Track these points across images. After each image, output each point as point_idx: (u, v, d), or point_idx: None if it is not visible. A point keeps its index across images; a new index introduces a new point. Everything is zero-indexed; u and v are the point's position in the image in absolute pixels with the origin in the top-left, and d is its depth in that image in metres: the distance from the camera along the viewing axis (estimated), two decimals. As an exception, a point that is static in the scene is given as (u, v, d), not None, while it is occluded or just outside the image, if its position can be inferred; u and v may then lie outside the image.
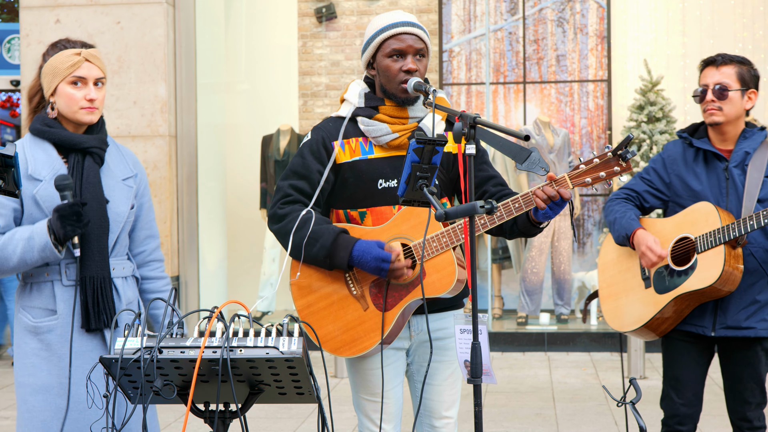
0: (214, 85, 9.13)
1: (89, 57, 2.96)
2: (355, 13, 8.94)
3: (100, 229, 2.90)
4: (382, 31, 2.96)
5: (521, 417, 5.77)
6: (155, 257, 3.14)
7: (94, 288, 2.89)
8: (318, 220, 2.91)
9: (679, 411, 3.41)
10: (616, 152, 2.74)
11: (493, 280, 8.69)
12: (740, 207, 3.34)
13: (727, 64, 3.42)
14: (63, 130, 2.95)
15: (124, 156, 3.08)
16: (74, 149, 2.93)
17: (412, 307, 2.93)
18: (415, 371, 3.08)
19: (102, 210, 2.91)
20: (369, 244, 2.85)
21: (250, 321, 2.32)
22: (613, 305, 3.51)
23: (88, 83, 2.95)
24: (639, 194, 3.52)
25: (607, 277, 3.56)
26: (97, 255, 2.90)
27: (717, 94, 3.38)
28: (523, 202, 2.80)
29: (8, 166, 2.74)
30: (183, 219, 8.04)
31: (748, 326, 3.33)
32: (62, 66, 2.93)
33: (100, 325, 2.90)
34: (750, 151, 3.39)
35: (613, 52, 8.97)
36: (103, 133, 3.02)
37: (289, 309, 9.22)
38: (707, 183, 3.39)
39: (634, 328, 3.42)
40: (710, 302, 3.35)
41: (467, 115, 2.49)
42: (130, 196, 3.01)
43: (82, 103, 2.93)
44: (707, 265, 3.26)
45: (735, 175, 3.38)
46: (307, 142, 3.02)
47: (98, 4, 7.80)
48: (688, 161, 3.45)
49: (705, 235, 3.28)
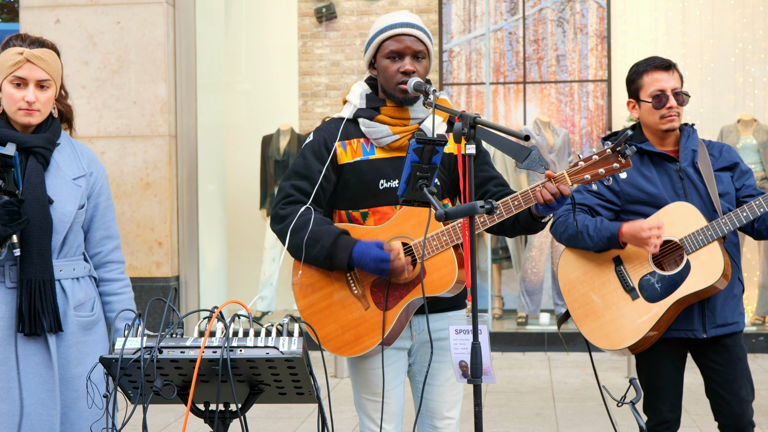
0: (214, 85, 9.13)
1: (31, 58, 2.84)
2: (355, 13, 8.94)
3: (41, 230, 2.81)
4: (381, 32, 2.96)
5: (521, 417, 5.77)
6: (112, 258, 3.05)
7: (32, 291, 2.80)
8: (318, 221, 2.91)
9: (666, 417, 3.39)
10: (615, 149, 2.73)
11: (493, 280, 8.69)
12: (704, 204, 3.31)
13: (675, 68, 3.40)
14: (7, 129, 2.87)
15: (78, 155, 2.98)
16: (18, 149, 2.83)
17: (414, 306, 2.93)
18: (417, 371, 3.08)
19: (44, 211, 2.82)
20: (368, 245, 2.85)
21: (250, 321, 2.32)
22: (596, 325, 3.35)
23: (29, 85, 2.85)
24: (590, 208, 3.41)
25: (578, 297, 3.39)
26: (36, 257, 2.81)
27: (678, 100, 3.35)
28: (522, 199, 2.80)
29: (8, 166, 2.74)
30: (183, 219, 8.04)
31: (733, 321, 3.33)
32: (6, 64, 2.85)
33: (38, 330, 2.80)
34: (695, 149, 3.37)
35: (613, 52, 8.97)
36: (52, 132, 2.92)
37: (289, 309, 9.23)
38: (661, 185, 3.34)
39: (631, 343, 3.29)
40: (695, 305, 3.30)
41: (467, 115, 2.49)
42: (78, 196, 2.92)
43: (21, 104, 2.84)
44: (704, 263, 3.21)
45: (690, 173, 3.34)
46: (309, 143, 3.03)
47: (98, 4, 7.79)
48: (636, 166, 3.37)
49: (693, 235, 3.23)
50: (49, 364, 2.83)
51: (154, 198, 7.80)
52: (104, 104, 7.80)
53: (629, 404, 2.84)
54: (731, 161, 3.42)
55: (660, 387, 3.40)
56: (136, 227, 7.75)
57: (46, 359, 2.83)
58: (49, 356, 2.83)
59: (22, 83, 2.85)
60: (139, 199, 7.80)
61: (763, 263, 8.26)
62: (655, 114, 3.36)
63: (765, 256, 8.23)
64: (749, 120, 8.31)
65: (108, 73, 7.79)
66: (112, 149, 7.76)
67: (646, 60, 3.44)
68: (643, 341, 3.30)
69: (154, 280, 7.74)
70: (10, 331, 2.82)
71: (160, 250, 7.80)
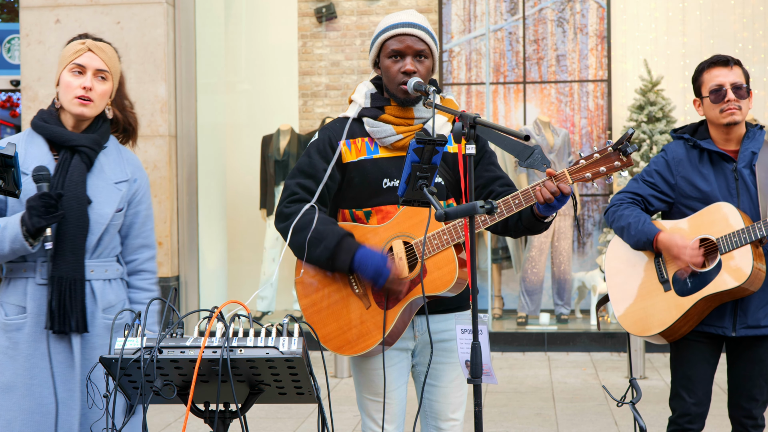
0: (214, 85, 9.13)
1: (93, 47, 2.92)
2: (355, 13, 8.94)
3: (77, 228, 2.83)
4: (384, 32, 2.96)
5: (521, 417, 5.77)
6: (146, 268, 3.06)
7: (62, 289, 2.81)
8: (322, 220, 2.91)
9: (690, 410, 3.39)
10: (617, 147, 2.73)
11: (493, 280, 8.69)
12: (753, 207, 3.34)
13: (736, 64, 3.42)
14: (57, 126, 2.91)
15: (124, 160, 3.01)
16: (64, 146, 2.88)
17: (416, 306, 2.93)
18: (420, 372, 3.07)
19: (81, 209, 2.83)
20: (372, 254, 2.84)
21: (250, 321, 2.32)
22: (630, 310, 3.44)
23: (87, 73, 2.90)
24: (644, 198, 3.48)
25: (619, 282, 3.49)
26: (69, 254, 2.82)
27: (737, 93, 3.36)
28: (522, 198, 2.80)
29: (8, 166, 2.74)
30: (183, 219, 8.04)
31: (766, 324, 3.34)
32: (67, 54, 2.92)
33: (66, 328, 2.81)
34: (756, 151, 3.38)
35: (613, 52, 8.98)
36: (101, 134, 2.95)
37: (289, 309, 9.22)
38: (716, 184, 3.37)
39: (657, 331, 3.37)
40: (729, 303, 3.34)
41: (467, 115, 2.49)
42: (117, 199, 2.93)
43: (77, 91, 2.87)
44: (734, 265, 3.25)
45: (745, 175, 3.36)
46: (315, 142, 3.03)
47: (98, 4, 7.80)
48: (694, 162, 3.42)
49: (729, 236, 3.26)
50: (71, 363, 2.83)
51: (154, 198, 7.80)
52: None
53: (629, 404, 2.84)
54: None
55: (686, 376, 3.41)
56: (136, 227, 7.74)
57: (69, 359, 2.84)
58: (73, 356, 2.84)
59: (81, 71, 2.90)
60: (139, 199, 7.79)
61: None
62: (715, 108, 3.38)
63: None
64: (749, 120, 8.31)
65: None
66: (112, 149, 7.75)
67: (707, 59, 3.48)
68: (670, 331, 3.35)
69: (154, 280, 7.73)
70: (39, 327, 2.83)
71: (160, 250, 7.80)
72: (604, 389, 3.00)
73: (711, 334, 3.39)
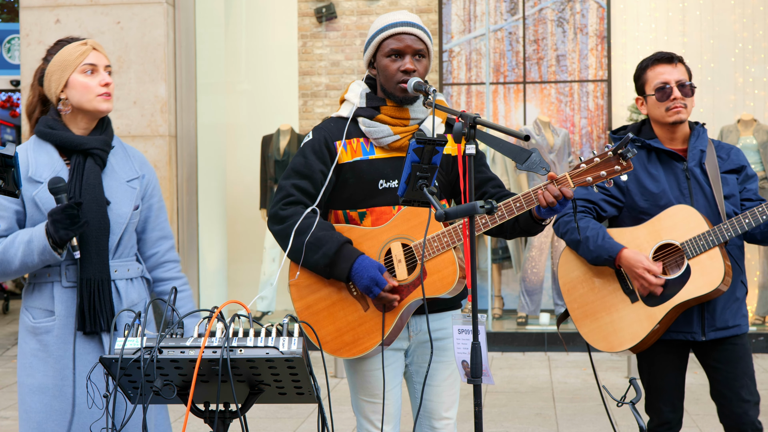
0: (214, 85, 9.13)
1: (95, 46, 2.95)
2: (355, 13, 8.94)
3: (100, 230, 2.87)
4: (381, 31, 2.96)
5: (521, 417, 5.77)
6: (169, 258, 3.10)
7: (91, 290, 2.85)
8: (322, 226, 2.90)
9: (668, 418, 3.38)
10: (617, 151, 2.73)
11: (493, 280, 8.69)
12: (709, 206, 3.27)
13: (681, 62, 3.36)
14: (65, 131, 2.92)
15: (130, 157, 3.04)
16: (75, 150, 2.90)
17: (412, 308, 2.93)
18: (414, 372, 3.08)
19: (102, 211, 2.88)
20: (371, 264, 2.84)
21: (250, 321, 2.32)
22: (595, 326, 3.33)
23: (100, 70, 2.93)
24: (595, 204, 3.37)
25: (577, 297, 3.36)
26: (95, 257, 2.86)
27: (682, 91, 3.30)
28: (524, 201, 2.79)
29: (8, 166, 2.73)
30: (183, 219, 8.04)
31: (734, 324, 3.31)
32: (71, 57, 2.91)
33: (97, 328, 2.86)
34: (704, 149, 3.33)
35: (613, 52, 8.97)
36: (108, 134, 2.99)
37: (289, 309, 9.22)
38: (666, 184, 3.30)
39: (629, 346, 3.28)
40: (695, 307, 3.28)
41: (467, 116, 2.49)
42: (133, 198, 2.97)
43: (98, 89, 2.91)
44: (704, 269, 3.18)
45: (697, 174, 3.30)
46: (309, 142, 3.01)
47: (98, 4, 7.80)
48: (642, 163, 3.34)
49: (694, 239, 3.19)
50: None
51: (154, 198, 7.80)
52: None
53: (629, 404, 2.84)
54: (739, 164, 3.39)
55: (660, 387, 3.39)
56: (136, 227, 7.74)
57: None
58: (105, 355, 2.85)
59: (93, 70, 2.92)
60: (139, 199, 7.79)
61: (763, 263, 8.26)
62: (661, 107, 3.32)
63: (765, 256, 8.23)
64: (749, 120, 8.31)
65: (108, 73, 7.78)
66: (112, 149, 7.75)
67: (650, 56, 3.41)
68: (641, 343, 3.29)
69: (154, 280, 7.73)
70: (67, 329, 2.86)
71: (160, 250, 7.80)
72: (604, 389, 2.99)
73: (678, 341, 3.34)
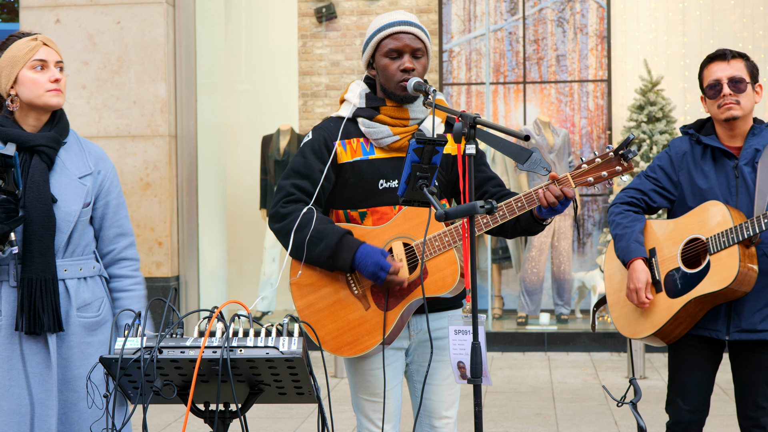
0: (214, 85, 9.13)
1: (46, 41, 2.90)
2: (355, 13, 8.93)
3: (43, 228, 2.80)
4: (379, 31, 2.96)
5: (521, 417, 5.77)
6: (126, 255, 3.04)
7: (32, 290, 2.79)
8: (321, 220, 2.91)
9: (684, 417, 3.33)
10: (618, 152, 2.74)
11: (493, 280, 8.69)
12: (751, 205, 3.24)
13: (736, 57, 3.34)
14: (14, 128, 2.86)
15: (85, 153, 2.97)
16: (22, 148, 2.84)
17: (413, 307, 2.93)
18: (415, 371, 3.08)
19: (46, 209, 2.81)
20: (373, 250, 2.84)
21: (250, 321, 2.32)
22: (623, 312, 3.39)
23: (50, 65, 2.88)
24: (645, 194, 3.40)
25: (615, 283, 3.44)
26: (38, 256, 2.80)
27: (734, 87, 3.28)
28: (525, 201, 2.79)
29: (8, 166, 2.74)
30: (183, 219, 8.04)
31: (763, 329, 3.24)
32: (20, 53, 2.86)
33: (36, 329, 2.79)
34: (760, 148, 3.28)
35: (613, 52, 8.97)
36: (59, 130, 2.92)
37: (289, 309, 9.22)
38: (716, 181, 3.29)
39: (648, 334, 3.31)
40: (723, 305, 3.25)
41: (467, 115, 2.49)
42: (83, 194, 2.90)
43: (48, 85, 2.85)
44: (721, 266, 3.16)
45: (745, 173, 3.27)
46: (309, 142, 3.01)
47: (98, 4, 7.79)
48: (696, 158, 3.34)
49: (717, 236, 3.18)
50: (48, 363, 2.83)
51: (154, 198, 7.81)
52: (104, 104, 7.80)
53: (629, 404, 2.84)
54: None
55: (681, 382, 3.35)
56: (136, 227, 7.75)
57: (47, 359, 2.83)
58: (49, 356, 2.83)
59: (43, 66, 2.88)
60: (139, 199, 7.80)
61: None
62: (713, 104, 3.32)
63: None
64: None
65: (108, 73, 7.79)
66: (112, 149, 7.75)
67: (709, 54, 3.42)
68: (662, 333, 3.30)
69: (154, 280, 7.74)
70: (9, 329, 2.82)
71: (160, 250, 7.80)
72: (604, 389, 2.99)
73: (706, 338, 3.32)
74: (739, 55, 3.36)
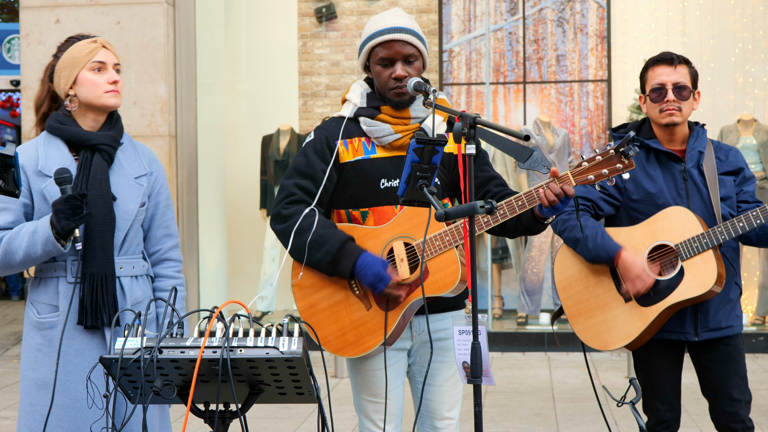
0: (214, 85, 9.13)
1: (105, 44, 2.99)
2: (355, 13, 8.93)
3: (104, 225, 2.88)
4: (370, 39, 2.96)
5: (521, 417, 5.77)
6: (170, 256, 3.11)
7: (94, 285, 2.86)
8: (323, 224, 2.90)
9: (666, 416, 3.39)
10: (619, 149, 2.73)
11: (493, 280, 8.69)
12: (706, 208, 3.28)
13: (681, 63, 3.35)
14: (75, 126, 2.95)
15: (139, 154, 3.07)
16: (83, 146, 2.93)
17: (414, 307, 2.93)
18: (417, 372, 3.08)
19: (107, 207, 2.89)
20: (374, 260, 2.84)
21: (250, 321, 2.32)
22: (589, 324, 3.35)
23: (108, 68, 2.97)
24: (593, 202, 3.38)
25: (572, 294, 3.39)
26: (99, 251, 2.87)
27: (678, 94, 3.30)
28: (526, 199, 2.79)
29: (8, 166, 2.74)
30: (183, 219, 8.04)
31: (727, 325, 3.32)
32: (80, 54, 2.95)
33: (98, 323, 2.87)
34: (702, 150, 3.33)
35: (613, 52, 8.97)
36: (117, 130, 3.01)
37: (289, 309, 9.22)
38: (664, 185, 3.31)
39: (622, 345, 3.29)
40: (688, 308, 3.29)
41: (467, 115, 2.49)
42: (140, 194, 2.99)
43: (106, 86, 2.95)
44: (698, 271, 3.19)
45: (694, 175, 3.30)
46: (311, 142, 3.02)
47: (98, 4, 7.79)
48: (641, 162, 3.35)
49: (689, 241, 3.20)
50: None
51: (154, 198, 7.80)
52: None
53: (629, 404, 2.84)
54: (737, 166, 3.39)
55: (657, 386, 3.40)
56: (136, 227, 7.74)
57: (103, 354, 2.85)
58: (106, 351, 2.86)
59: (102, 67, 2.96)
60: (139, 199, 7.79)
61: (763, 263, 8.25)
62: (655, 108, 3.34)
63: (765, 256, 8.23)
64: (749, 120, 8.31)
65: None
66: (112, 149, 7.74)
67: (654, 56, 3.41)
68: (633, 342, 3.31)
69: (154, 280, 7.72)
70: (72, 324, 2.87)
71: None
72: (604, 389, 2.99)
73: (672, 341, 3.35)
74: (684, 61, 3.38)
